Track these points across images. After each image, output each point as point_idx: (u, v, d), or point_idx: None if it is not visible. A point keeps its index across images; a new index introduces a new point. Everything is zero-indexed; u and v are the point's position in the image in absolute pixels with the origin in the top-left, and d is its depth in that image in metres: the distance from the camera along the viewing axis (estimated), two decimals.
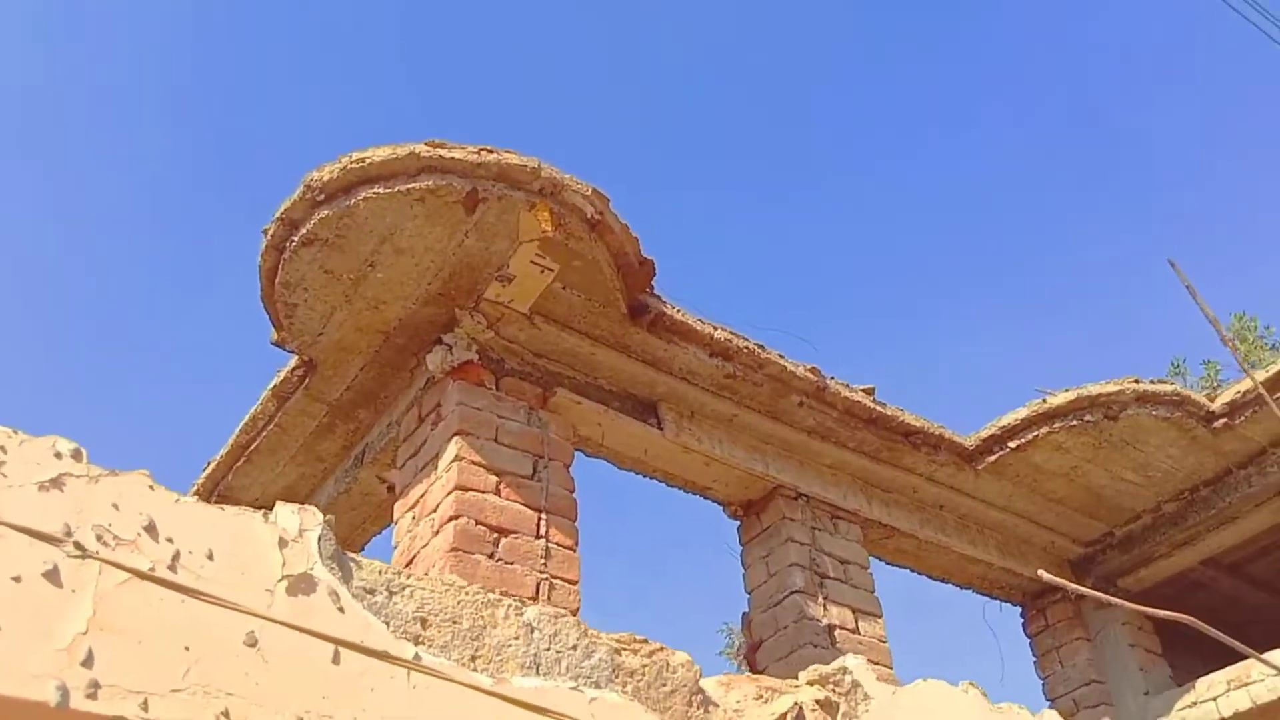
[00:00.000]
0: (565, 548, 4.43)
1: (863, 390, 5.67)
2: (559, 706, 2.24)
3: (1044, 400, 6.00)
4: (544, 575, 4.29)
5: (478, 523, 4.26)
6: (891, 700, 2.88)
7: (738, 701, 2.62)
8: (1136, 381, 5.91)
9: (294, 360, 5.02)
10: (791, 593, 5.20)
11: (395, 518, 4.71)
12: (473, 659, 2.24)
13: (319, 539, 2.16)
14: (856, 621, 5.33)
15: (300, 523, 2.16)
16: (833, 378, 5.48)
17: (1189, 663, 6.93)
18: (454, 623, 2.26)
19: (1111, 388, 5.87)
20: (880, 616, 5.48)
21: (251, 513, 2.13)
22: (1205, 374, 14.49)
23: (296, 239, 4.36)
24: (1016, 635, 7.14)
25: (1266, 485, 6.11)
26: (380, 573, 2.24)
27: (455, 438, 4.46)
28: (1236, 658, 6.12)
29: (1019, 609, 7.12)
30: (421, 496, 4.54)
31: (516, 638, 2.32)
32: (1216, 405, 5.94)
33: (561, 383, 4.88)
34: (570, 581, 4.35)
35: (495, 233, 4.40)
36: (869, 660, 3.41)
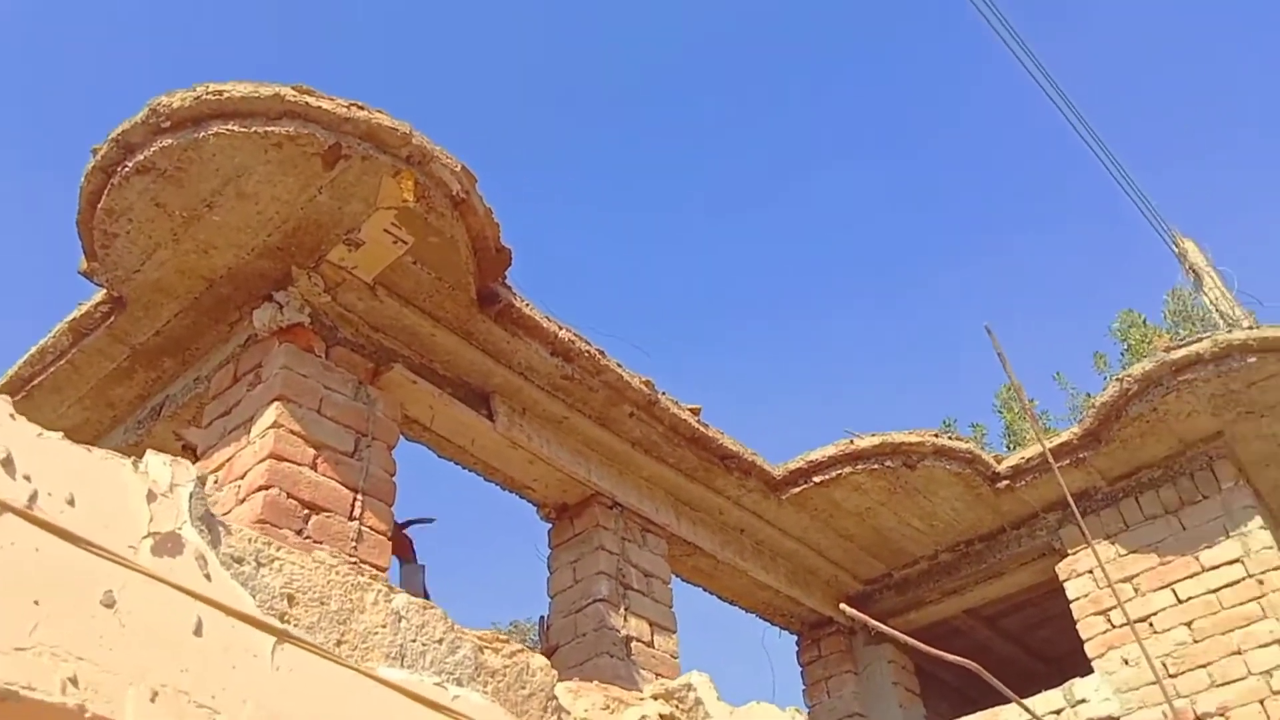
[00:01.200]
0: (378, 532, 4.23)
1: (689, 409, 5.75)
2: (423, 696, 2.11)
3: (851, 441, 6.28)
4: (354, 559, 4.08)
5: (289, 496, 4.01)
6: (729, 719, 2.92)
7: (586, 710, 2.57)
8: (937, 435, 6.27)
9: (100, 295, 4.58)
10: (595, 600, 5.19)
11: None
12: (339, 644, 2.08)
13: (190, 496, 1.94)
14: (653, 635, 5.38)
15: (172, 476, 1.94)
16: (664, 393, 5.53)
17: (939, 705, 7.42)
18: (322, 603, 2.09)
19: (914, 438, 6.21)
20: (675, 632, 5.55)
21: (121, 459, 1.90)
22: (973, 435, 15.69)
23: (130, 165, 3.97)
24: (790, 663, 7.42)
25: (1033, 547, 6.62)
26: (250, 541, 2.05)
27: (275, 403, 4.18)
28: (979, 705, 6.60)
29: (795, 637, 7.41)
30: (228, 461, 4.23)
31: (384, 625, 2.18)
32: (1002, 467, 6.39)
33: (396, 360, 4.68)
34: (380, 568, 4.16)
35: (352, 194, 4.17)
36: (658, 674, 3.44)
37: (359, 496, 4.27)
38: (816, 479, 6.29)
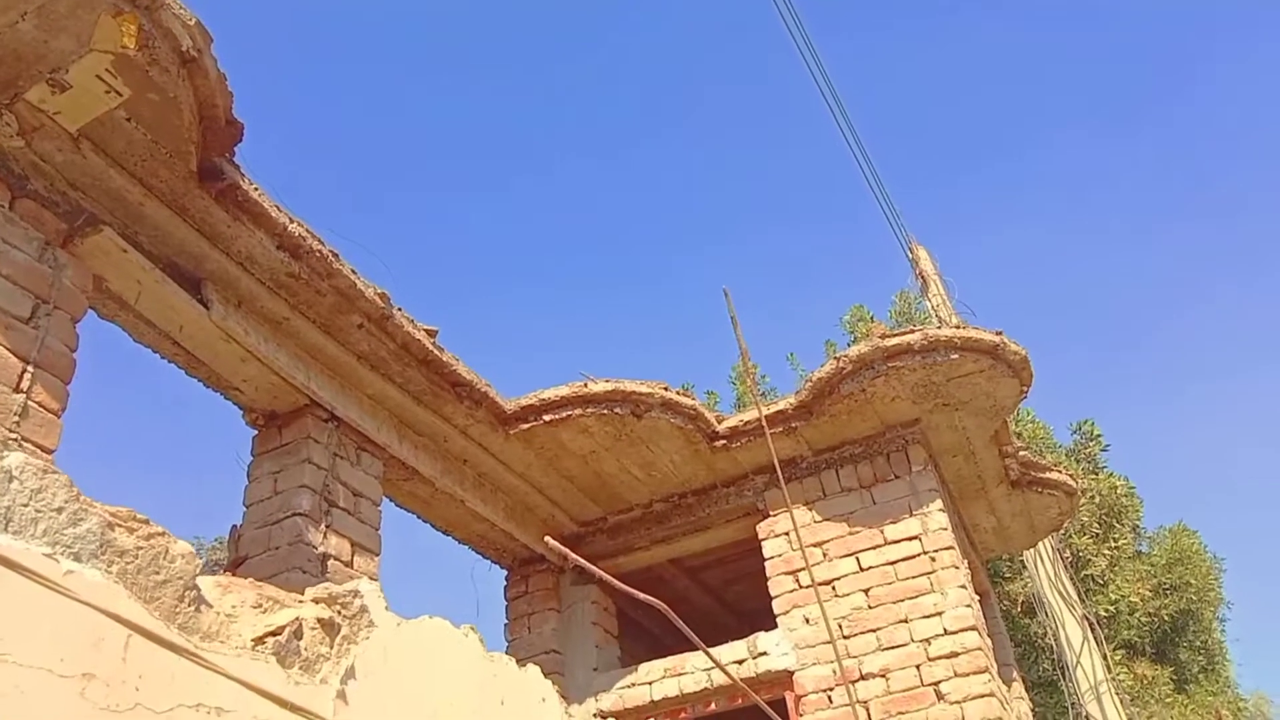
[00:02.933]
0: (50, 410, 3.79)
1: (425, 330, 5.55)
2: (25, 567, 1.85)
3: (585, 384, 6.30)
4: (14, 435, 3.64)
5: None
6: (395, 631, 2.80)
7: (233, 606, 2.37)
8: (666, 389, 6.40)
9: None
10: (294, 514, 4.93)
11: None
12: None
13: None
14: (353, 555, 5.19)
15: None
16: (400, 309, 5.30)
17: (634, 649, 7.66)
18: None
19: (644, 388, 6.31)
20: (378, 555, 5.38)
21: None
22: (707, 400, 16.31)
23: None
24: (496, 597, 7.43)
25: (740, 505, 6.92)
26: None
27: None
28: (673, 651, 6.87)
29: (505, 572, 7.41)
30: None
31: None
32: (722, 427, 6.63)
33: (96, 224, 4.20)
34: (46, 450, 3.73)
35: (62, 27, 3.66)
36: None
37: (30, 368, 3.80)
38: (546, 417, 6.27)
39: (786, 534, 6.58)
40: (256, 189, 4.46)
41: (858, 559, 6.41)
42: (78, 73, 3.82)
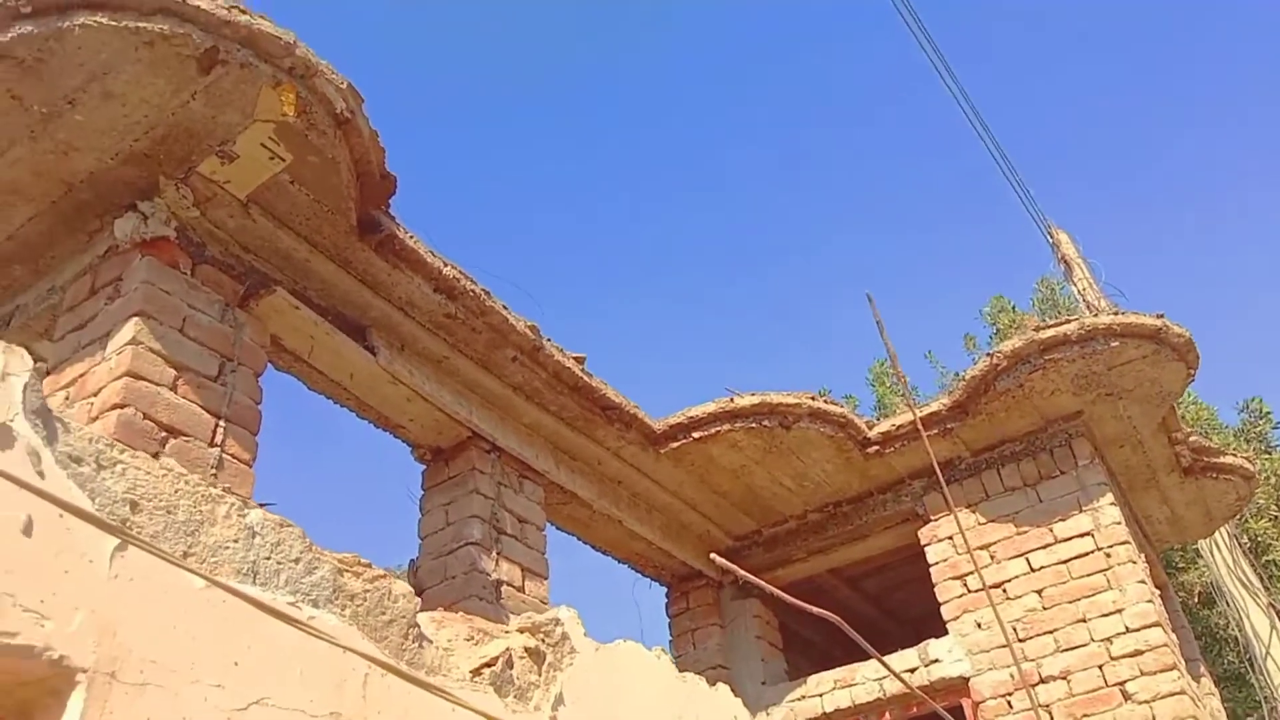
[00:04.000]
0: (241, 461, 4.04)
1: (574, 358, 5.68)
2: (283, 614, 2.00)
3: (731, 400, 6.32)
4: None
5: (145, 416, 3.79)
6: (595, 656, 2.88)
7: (449, 640, 2.49)
8: (813, 398, 6.37)
9: None
10: (467, 544, 5.11)
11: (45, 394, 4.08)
12: (185, 555, 1.95)
13: (25, 387, 1.78)
14: (524, 580, 5.33)
15: (5, 364, 1.76)
16: (549, 339, 5.45)
17: (799, 661, 7.61)
18: (168, 512, 1.95)
19: (791, 399, 6.29)
20: (546, 578, 5.52)
21: None
22: (845, 404, 16.05)
23: None
24: (658, 613, 7.50)
25: (898, 511, 6.82)
26: (91, 441, 1.89)
27: (134, 319, 3.94)
28: (839, 662, 6.80)
29: (665, 589, 7.48)
30: (81, 376, 3.97)
31: (236, 540, 2.05)
32: (873, 433, 6.54)
33: (269, 284, 4.46)
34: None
35: (228, 103, 3.93)
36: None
37: (221, 423, 4.07)
38: (695, 435, 6.32)
39: (950, 538, 6.44)
40: (412, 237, 4.67)
41: (1027, 559, 6.23)
42: (243, 143, 4.08)
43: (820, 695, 6.47)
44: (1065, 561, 6.11)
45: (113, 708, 1.69)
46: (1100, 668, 5.77)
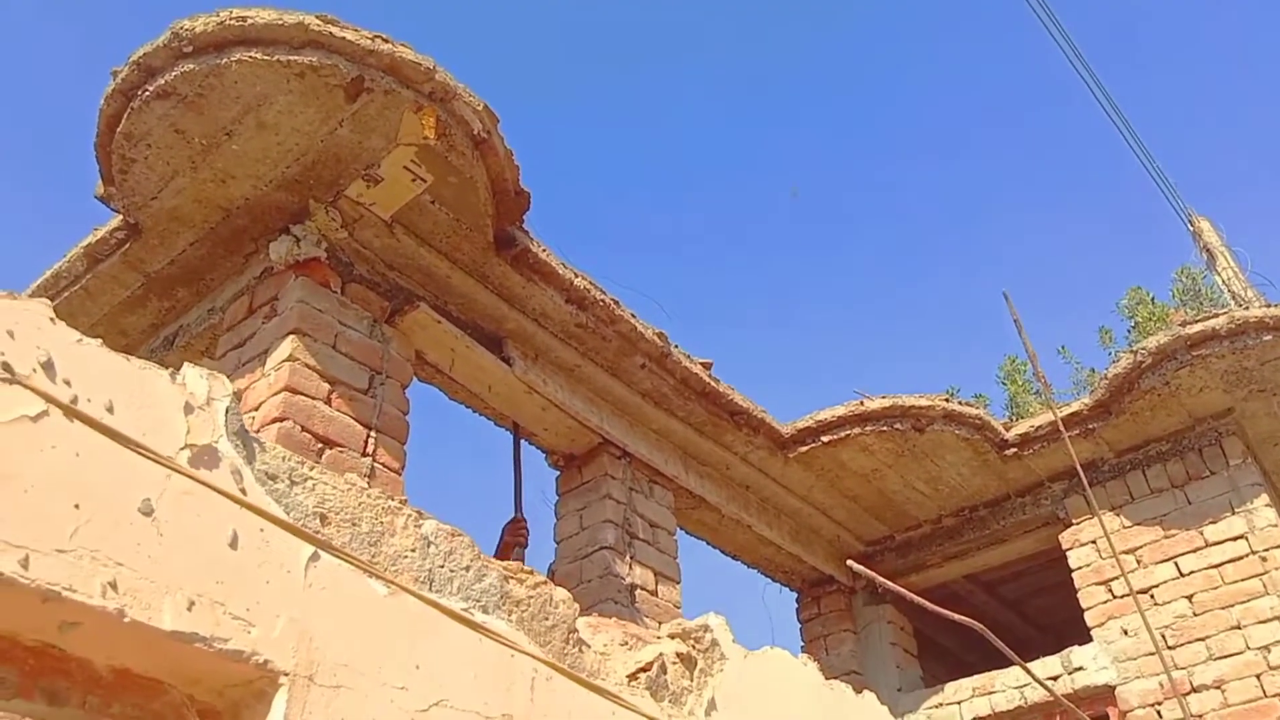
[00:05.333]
0: (392, 470, 4.23)
1: (701, 363, 5.73)
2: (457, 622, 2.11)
3: (861, 403, 6.27)
4: None
5: (304, 429, 4.00)
6: (743, 663, 2.92)
7: (604, 645, 2.57)
8: (947, 400, 6.26)
9: (116, 220, 4.54)
10: (602, 548, 5.21)
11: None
12: (370, 564, 2.07)
13: (226, 411, 1.93)
14: (657, 584, 5.40)
15: (209, 390, 1.92)
16: (677, 346, 5.51)
17: (934, 668, 7.48)
18: (353, 524, 2.08)
19: (924, 401, 6.20)
20: (679, 582, 5.58)
21: (158, 369, 1.88)
22: (977, 404, 15.64)
23: (151, 89, 3.91)
24: (787, 619, 7.48)
25: (1037, 515, 6.63)
26: (284, 459, 2.03)
27: (291, 336, 4.16)
28: (976, 670, 6.65)
29: (795, 595, 7.45)
30: (242, 393, 4.21)
31: (413, 550, 2.17)
32: (1011, 435, 6.39)
33: (412, 299, 4.65)
34: None
35: (373, 128, 4.12)
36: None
37: (372, 434, 4.26)
38: (824, 439, 6.29)
39: (1093, 542, 6.23)
40: (545, 250, 4.79)
41: (1176, 564, 5.98)
42: (387, 166, 4.27)
43: (958, 703, 6.35)
44: (1217, 566, 5.85)
45: (311, 709, 1.82)
46: (1258, 676, 5.50)
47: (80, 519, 1.65)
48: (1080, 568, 6.28)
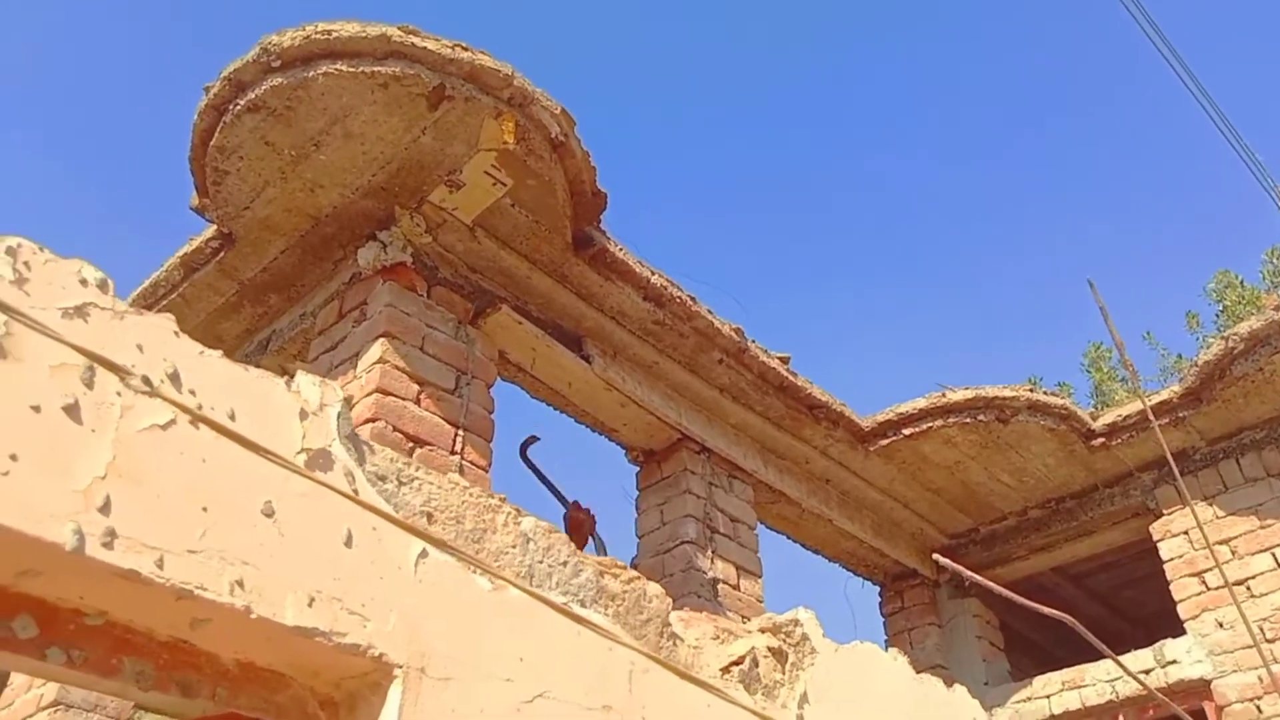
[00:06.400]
0: (479, 467, 4.33)
1: (778, 358, 5.74)
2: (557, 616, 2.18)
3: (943, 394, 6.20)
4: None
5: (395, 429, 4.12)
6: (833, 656, 2.95)
7: (696, 639, 2.62)
8: (1031, 390, 6.17)
9: (211, 230, 4.72)
10: (683, 542, 5.25)
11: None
12: (475, 559, 2.15)
13: (339, 416, 2.02)
14: (739, 578, 5.43)
15: (322, 396, 2.01)
16: (754, 341, 5.52)
17: (1020, 661, 7.38)
18: (458, 521, 2.17)
19: (1008, 392, 6.11)
20: (760, 576, 5.59)
21: (274, 378, 1.98)
22: (1061, 394, 15.30)
23: (241, 103, 4.06)
24: (869, 613, 7.44)
25: (1126, 506, 6.50)
26: (391, 460, 2.12)
27: (381, 339, 4.29)
28: (1064, 664, 6.54)
29: (878, 588, 7.41)
30: None
31: (514, 546, 2.25)
32: (1098, 425, 6.26)
33: (494, 301, 4.75)
34: None
35: (454, 135, 4.22)
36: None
37: (460, 432, 4.36)
38: (906, 431, 6.24)
39: (1186, 533, 6.09)
40: (622, 249, 4.85)
41: (1273, 554, 5.81)
42: (469, 171, 4.37)
43: (1047, 697, 6.25)
44: None
45: (423, 700, 1.90)
46: None
47: (209, 521, 1.76)
48: (1172, 559, 6.14)
